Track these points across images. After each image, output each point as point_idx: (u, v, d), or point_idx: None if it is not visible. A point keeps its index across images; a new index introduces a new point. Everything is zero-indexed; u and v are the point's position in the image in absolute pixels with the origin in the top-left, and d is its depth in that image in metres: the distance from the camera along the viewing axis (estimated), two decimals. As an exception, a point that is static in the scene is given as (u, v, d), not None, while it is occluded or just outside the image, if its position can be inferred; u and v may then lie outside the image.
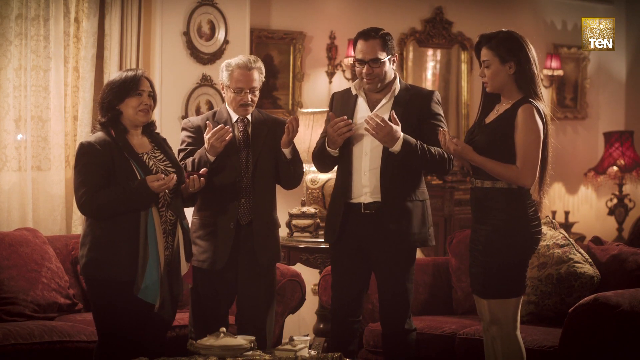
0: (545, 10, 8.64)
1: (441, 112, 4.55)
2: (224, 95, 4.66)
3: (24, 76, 5.56)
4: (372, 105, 4.52)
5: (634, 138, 8.76)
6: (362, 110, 4.54)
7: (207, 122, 4.58)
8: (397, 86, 4.53)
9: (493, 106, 4.27)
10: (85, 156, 4.15)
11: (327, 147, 4.49)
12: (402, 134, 4.35)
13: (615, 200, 8.80)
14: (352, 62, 6.85)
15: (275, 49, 6.85)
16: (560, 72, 8.48)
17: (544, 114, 4.14)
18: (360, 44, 4.49)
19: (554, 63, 8.42)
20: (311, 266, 5.91)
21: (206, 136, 4.50)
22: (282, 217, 5.98)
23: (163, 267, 4.17)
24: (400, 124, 4.36)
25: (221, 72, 4.61)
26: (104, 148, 4.14)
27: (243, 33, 6.44)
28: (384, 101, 4.51)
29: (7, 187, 5.55)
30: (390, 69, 4.51)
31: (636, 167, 8.65)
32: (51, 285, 5.08)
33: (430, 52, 7.89)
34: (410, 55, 7.71)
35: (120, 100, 4.21)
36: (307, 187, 6.11)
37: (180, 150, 4.63)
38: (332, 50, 7.05)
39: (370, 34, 4.47)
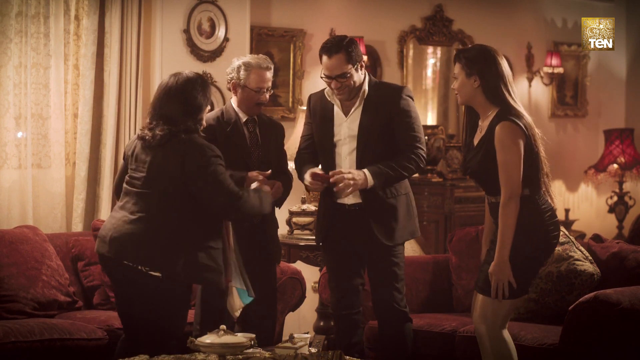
0: (545, 8, 8.63)
1: (411, 108, 4.54)
2: (232, 92, 4.67)
3: (24, 74, 5.56)
4: (345, 112, 4.56)
5: (634, 136, 8.75)
6: (338, 117, 4.59)
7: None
8: (365, 88, 4.54)
9: (476, 124, 4.29)
10: (220, 159, 4.13)
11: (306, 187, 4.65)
12: (365, 171, 4.40)
13: (615, 198, 8.79)
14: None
15: (276, 47, 6.84)
16: (560, 70, 8.47)
17: (523, 124, 4.11)
18: (324, 60, 4.47)
19: (554, 61, 8.41)
20: (311, 264, 5.91)
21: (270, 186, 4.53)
22: (282, 214, 6.00)
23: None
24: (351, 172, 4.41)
25: (236, 71, 4.61)
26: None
27: (243, 31, 6.43)
28: (354, 107, 4.54)
29: (7, 185, 5.55)
30: (359, 75, 4.50)
31: (636, 164, 8.65)
32: (51, 282, 5.08)
33: (430, 49, 7.88)
34: (411, 53, 7.70)
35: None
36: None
37: None
38: (332, 48, 7.04)
39: (332, 50, 4.44)
